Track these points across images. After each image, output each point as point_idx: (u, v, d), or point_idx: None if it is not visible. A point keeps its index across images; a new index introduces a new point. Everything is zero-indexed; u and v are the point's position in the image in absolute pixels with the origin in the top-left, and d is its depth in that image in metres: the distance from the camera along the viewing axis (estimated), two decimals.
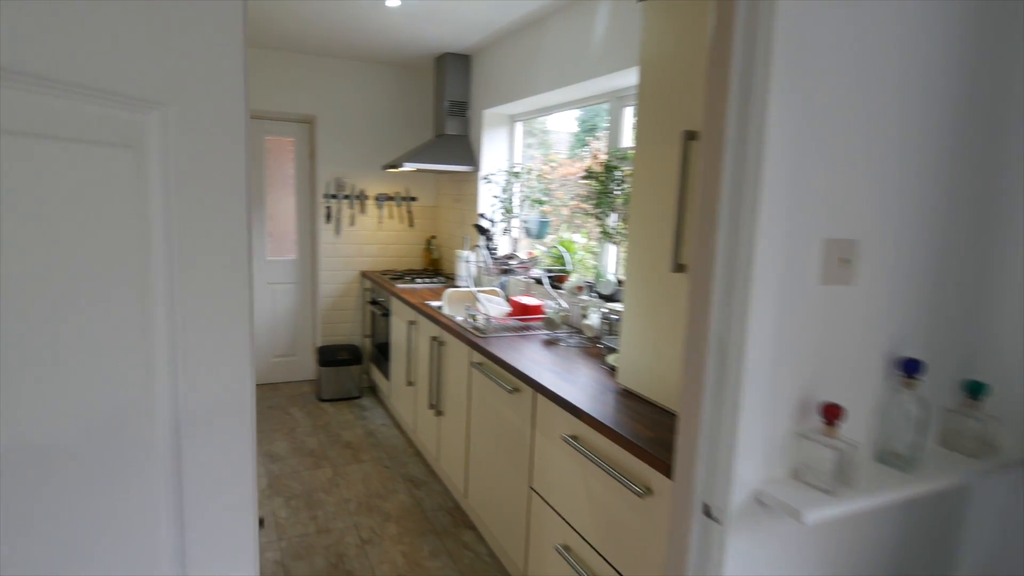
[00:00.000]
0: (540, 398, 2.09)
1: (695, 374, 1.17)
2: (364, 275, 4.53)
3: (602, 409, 1.79)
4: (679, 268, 1.68)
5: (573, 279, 2.78)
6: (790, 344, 1.12)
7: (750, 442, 1.12)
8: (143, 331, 0.84)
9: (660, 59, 1.80)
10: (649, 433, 1.61)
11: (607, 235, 2.76)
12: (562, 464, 1.96)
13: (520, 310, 2.85)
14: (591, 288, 2.77)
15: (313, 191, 4.51)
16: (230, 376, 0.95)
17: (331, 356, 4.34)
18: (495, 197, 3.77)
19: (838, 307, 1.17)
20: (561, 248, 3.01)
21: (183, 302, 0.88)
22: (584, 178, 2.75)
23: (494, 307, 2.79)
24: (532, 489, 2.17)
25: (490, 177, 3.75)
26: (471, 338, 2.62)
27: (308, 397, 4.40)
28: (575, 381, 2.07)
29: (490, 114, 3.92)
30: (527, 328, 2.78)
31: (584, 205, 2.93)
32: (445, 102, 4.04)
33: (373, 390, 4.62)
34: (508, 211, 3.66)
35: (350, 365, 4.38)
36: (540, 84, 3.24)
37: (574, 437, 1.87)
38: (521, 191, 3.66)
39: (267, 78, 4.17)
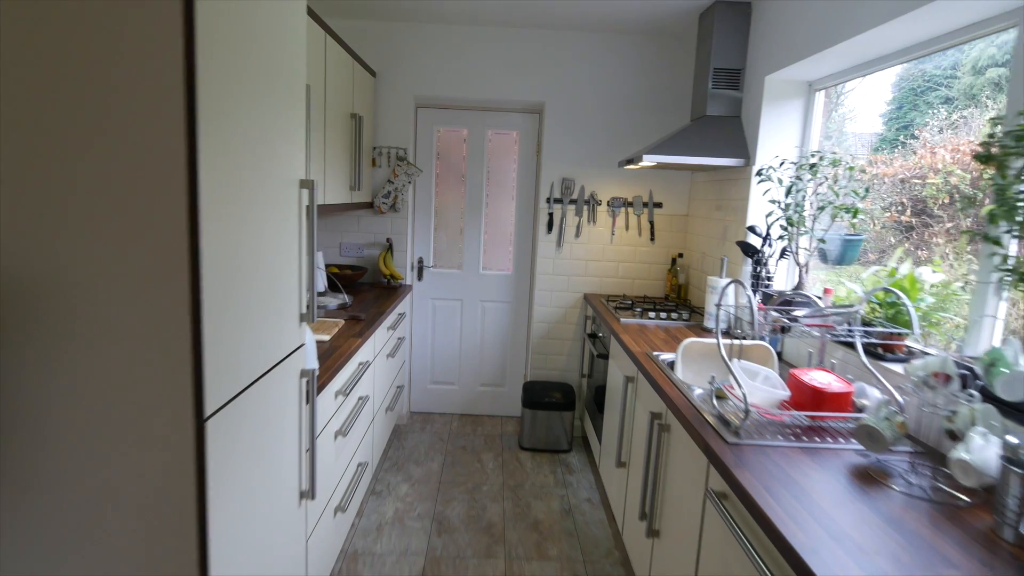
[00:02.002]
0: None
1: None
2: (587, 299, 3.62)
3: None
4: None
5: (932, 357, 1.45)
6: None
7: None
8: None
9: None
10: None
11: (1014, 275, 1.38)
12: None
13: (809, 399, 1.62)
14: (969, 378, 1.42)
15: (536, 194, 3.76)
16: None
17: (539, 396, 3.52)
18: (773, 202, 2.52)
19: None
20: (896, 292, 1.67)
21: None
22: (981, 160, 1.39)
23: (759, 391, 1.61)
24: None
25: (767, 171, 2.52)
26: (710, 439, 1.50)
27: (508, 440, 3.65)
28: None
29: (776, 82, 2.67)
30: (820, 433, 1.55)
31: (954, 212, 1.54)
32: (710, 73, 2.91)
33: (585, 442, 3.68)
34: (794, 223, 2.38)
35: (561, 410, 3.50)
36: (869, 14, 1.94)
37: None
38: (818, 193, 2.35)
39: (491, 61, 3.52)
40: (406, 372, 3.85)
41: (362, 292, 3.33)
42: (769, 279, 2.68)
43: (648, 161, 2.76)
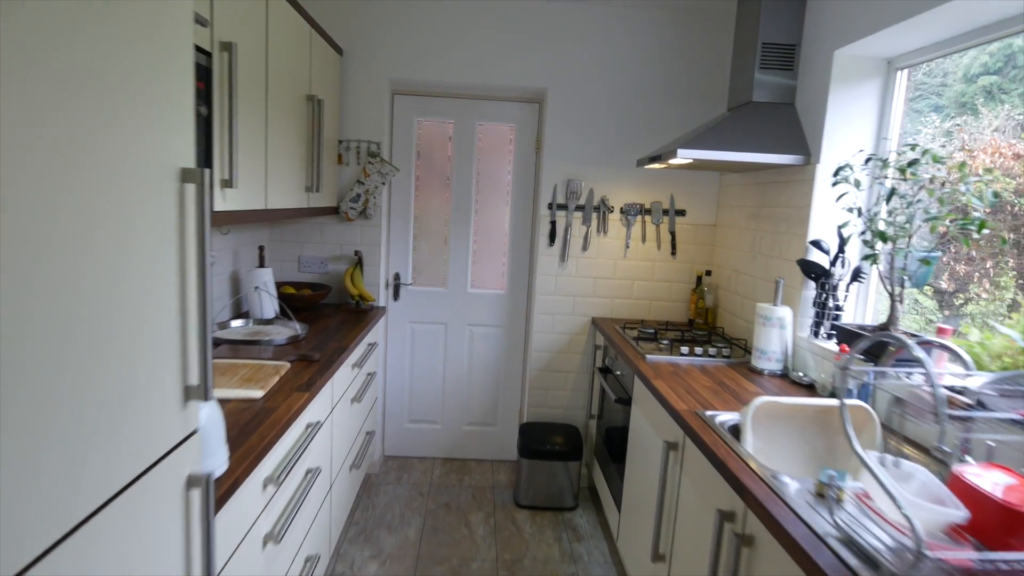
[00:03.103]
0: None
1: None
2: (596, 324, 3.03)
3: None
4: None
5: None
6: None
7: None
8: None
9: None
10: None
11: None
12: None
13: (995, 521, 1.03)
14: None
15: (535, 199, 3.16)
16: None
17: (538, 442, 2.91)
18: (851, 210, 1.95)
19: None
20: None
21: None
22: None
23: (917, 508, 1.01)
24: None
25: (845, 171, 1.95)
26: None
27: (501, 494, 3.03)
28: None
29: (845, 58, 2.11)
30: None
31: None
32: (757, 50, 2.34)
33: (593, 494, 3.08)
34: (887, 238, 1.81)
35: (565, 460, 2.90)
36: None
37: None
38: (918, 200, 1.78)
39: (483, 40, 2.93)
40: (378, 412, 3.22)
41: (324, 317, 2.70)
42: (839, 309, 2.11)
43: (683, 158, 2.18)
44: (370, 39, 2.90)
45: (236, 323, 2.38)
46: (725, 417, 1.70)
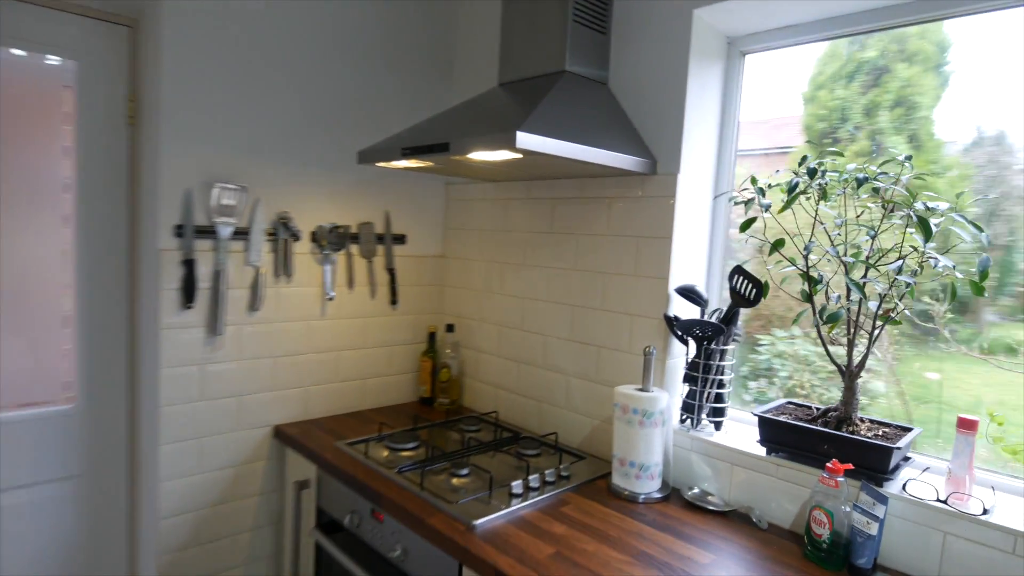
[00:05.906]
0: None
1: None
2: (286, 439, 1.70)
3: None
4: None
5: None
6: None
7: None
8: None
9: None
10: None
11: None
12: None
13: None
14: None
15: (139, 217, 1.61)
16: None
17: None
18: (764, 242, 1.33)
19: None
20: None
21: None
22: None
23: None
24: None
25: (764, 192, 1.30)
26: None
27: None
28: None
29: (703, 27, 1.48)
30: None
31: None
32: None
33: None
34: (861, 287, 1.21)
35: None
36: None
37: None
38: (867, 226, 1.25)
39: None
40: None
41: None
42: (722, 386, 1.47)
43: (526, 148, 1.18)
44: None
45: None
46: None
